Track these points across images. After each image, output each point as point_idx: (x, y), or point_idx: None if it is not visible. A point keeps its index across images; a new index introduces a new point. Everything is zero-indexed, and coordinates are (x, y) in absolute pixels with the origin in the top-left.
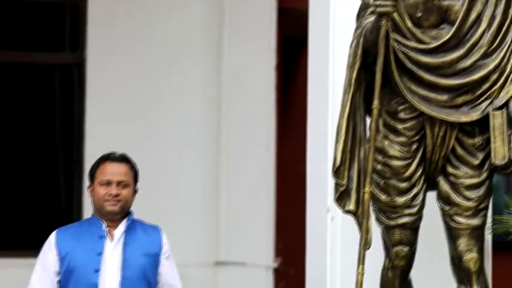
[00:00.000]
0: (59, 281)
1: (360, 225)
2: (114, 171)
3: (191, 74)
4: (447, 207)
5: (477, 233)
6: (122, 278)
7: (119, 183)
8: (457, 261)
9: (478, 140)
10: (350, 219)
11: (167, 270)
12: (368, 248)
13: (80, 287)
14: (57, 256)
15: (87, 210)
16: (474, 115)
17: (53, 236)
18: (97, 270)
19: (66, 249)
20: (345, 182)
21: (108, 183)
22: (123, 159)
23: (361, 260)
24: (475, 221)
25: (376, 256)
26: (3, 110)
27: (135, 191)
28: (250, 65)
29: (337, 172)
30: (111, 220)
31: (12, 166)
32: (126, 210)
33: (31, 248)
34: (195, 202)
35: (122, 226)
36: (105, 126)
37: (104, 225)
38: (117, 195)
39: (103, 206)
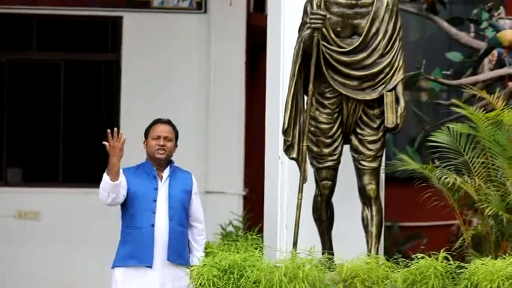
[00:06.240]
0: (124, 202)
1: (299, 167)
2: (162, 129)
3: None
4: (356, 155)
5: (375, 172)
6: (168, 206)
7: (165, 138)
8: (362, 191)
9: (376, 111)
10: (293, 163)
11: (195, 203)
12: (305, 182)
13: (143, 211)
14: (125, 178)
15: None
16: (374, 95)
17: (120, 170)
18: (154, 200)
19: (131, 181)
20: (290, 138)
21: (158, 138)
22: (169, 122)
23: (300, 190)
24: (374, 164)
25: (310, 188)
26: (69, 96)
27: (175, 145)
28: (229, 60)
29: (285, 132)
30: (159, 165)
31: (75, 133)
32: (170, 157)
33: (87, 181)
34: (191, 154)
35: (167, 170)
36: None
37: (155, 169)
38: (163, 146)
39: (154, 153)
